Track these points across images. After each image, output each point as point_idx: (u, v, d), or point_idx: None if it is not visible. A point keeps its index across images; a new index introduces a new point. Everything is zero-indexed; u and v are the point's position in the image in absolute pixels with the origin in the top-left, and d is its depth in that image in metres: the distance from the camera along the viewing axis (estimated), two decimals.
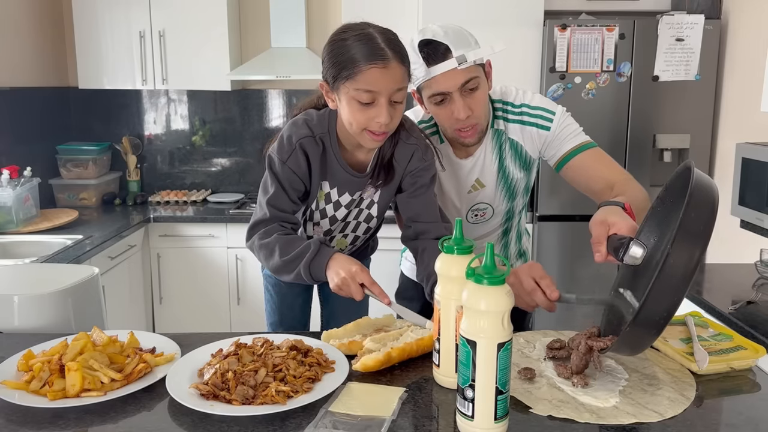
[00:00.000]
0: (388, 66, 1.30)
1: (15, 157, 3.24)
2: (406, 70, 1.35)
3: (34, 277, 1.68)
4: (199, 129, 3.92)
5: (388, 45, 1.31)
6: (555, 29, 3.10)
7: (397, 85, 1.32)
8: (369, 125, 1.35)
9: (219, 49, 3.52)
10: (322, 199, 1.54)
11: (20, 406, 1.01)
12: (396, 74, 1.32)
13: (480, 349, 0.90)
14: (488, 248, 0.92)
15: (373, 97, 1.32)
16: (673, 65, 3.14)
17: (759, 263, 2.27)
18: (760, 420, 0.99)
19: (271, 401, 1.00)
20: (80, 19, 3.50)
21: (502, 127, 1.60)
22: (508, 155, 1.62)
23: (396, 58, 1.31)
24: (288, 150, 1.45)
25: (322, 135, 1.46)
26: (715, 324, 1.31)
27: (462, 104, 1.45)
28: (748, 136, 2.83)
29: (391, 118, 1.34)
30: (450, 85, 1.43)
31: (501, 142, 1.61)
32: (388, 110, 1.33)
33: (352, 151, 1.50)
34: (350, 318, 1.36)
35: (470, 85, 1.44)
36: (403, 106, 1.38)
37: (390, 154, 1.49)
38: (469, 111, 1.46)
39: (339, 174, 1.50)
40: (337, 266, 1.36)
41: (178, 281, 3.48)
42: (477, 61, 1.43)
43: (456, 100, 1.45)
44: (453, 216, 1.67)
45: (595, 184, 1.55)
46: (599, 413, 0.99)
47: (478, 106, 1.48)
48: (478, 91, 1.47)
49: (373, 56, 1.29)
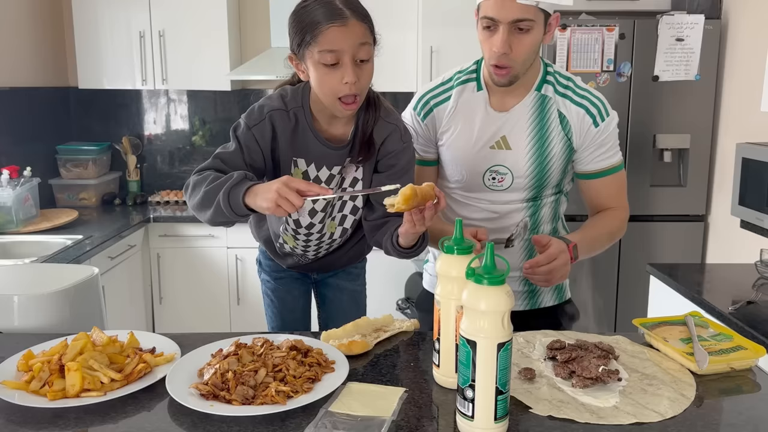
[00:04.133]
0: (347, 23, 1.33)
1: (15, 157, 3.24)
2: (368, 27, 1.37)
3: (34, 277, 1.68)
4: (199, 129, 3.92)
5: (345, 5, 1.34)
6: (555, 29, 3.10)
7: (358, 40, 1.34)
8: (338, 90, 1.36)
9: (219, 49, 3.52)
10: (300, 177, 1.51)
11: (20, 406, 1.01)
12: (356, 31, 1.34)
13: (480, 349, 0.90)
14: (488, 248, 0.92)
15: (337, 57, 1.33)
16: (673, 65, 3.14)
17: (759, 263, 2.27)
18: (760, 420, 0.99)
19: (271, 401, 1.00)
20: (80, 19, 3.50)
21: (551, 95, 1.52)
22: (554, 127, 1.52)
23: (355, 16, 1.34)
24: (257, 118, 1.46)
25: (296, 109, 1.47)
26: (715, 324, 1.31)
27: (504, 39, 1.38)
28: (748, 136, 2.83)
29: (357, 77, 1.35)
30: (500, 14, 1.36)
31: (547, 109, 1.52)
32: (354, 69, 1.34)
33: (329, 125, 1.49)
34: (348, 318, 1.36)
35: (522, 25, 1.37)
36: (370, 66, 1.39)
37: (370, 130, 1.48)
38: (508, 49, 1.39)
39: (315, 148, 1.49)
40: (263, 186, 1.29)
41: (178, 281, 3.48)
42: (540, 4, 1.36)
43: (501, 32, 1.38)
44: (468, 171, 1.57)
45: (593, 204, 1.62)
46: (599, 413, 0.99)
47: (521, 48, 1.40)
48: (528, 35, 1.39)
49: (331, 16, 1.32)
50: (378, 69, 1.43)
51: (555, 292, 1.67)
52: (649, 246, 3.29)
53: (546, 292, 1.65)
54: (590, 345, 1.19)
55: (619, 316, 3.37)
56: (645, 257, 3.24)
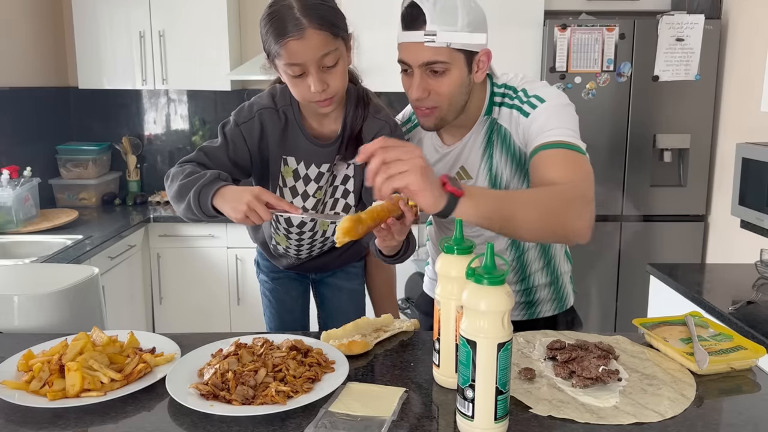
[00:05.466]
0: (303, 35, 1.28)
1: (15, 157, 3.24)
2: (329, 33, 1.31)
3: (34, 277, 1.68)
4: (199, 129, 3.92)
5: (303, 13, 1.29)
6: (555, 29, 3.10)
7: (319, 51, 1.30)
8: (310, 97, 1.35)
9: (219, 49, 3.52)
10: (290, 176, 1.52)
11: (20, 406, 1.01)
12: (315, 42, 1.29)
13: (480, 349, 0.90)
14: (488, 248, 0.92)
15: (302, 69, 1.32)
16: (673, 65, 3.14)
17: (759, 263, 2.27)
18: (760, 420, 0.99)
19: (271, 401, 1.00)
20: (80, 19, 3.50)
21: (497, 114, 1.43)
22: (497, 145, 1.42)
23: (312, 25, 1.28)
24: (246, 116, 1.47)
25: (285, 108, 1.47)
26: (715, 324, 1.31)
27: (417, 83, 1.31)
28: (748, 136, 2.83)
29: (327, 84, 1.33)
30: (410, 58, 1.31)
31: (492, 130, 1.43)
32: (320, 78, 1.32)
33: (318, 123, 1.49)
34: (347, 318, 1.36)
35: (436, 68, 1.30)
36: (339, 67, 1.35)
37: (359, 127, 1.47)
38: (423, 93, 1.32)
39: (303, 145, 1.49)
40: (234, 192, 1.28)
41: (178, 281, 3.48)
42: (453, 45, 1.28)
43: (415, 76, 1.32)
44: None
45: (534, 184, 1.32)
46: (599, 413, 0.99)
47: (442, 90, 1.33)
48: (446, 77, 1.31)
49: (287, 30, 1.28)
50: (377, 69, 1.43)
51: (555, 301, 1.59)
52: (649, 246, 3.29)
53: (545, 302, 1.58)
54: (590, 345, 1.18)
55: (619, 316, 3.37)
56: (645, 257, 3.24)
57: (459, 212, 1.10)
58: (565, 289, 1.61)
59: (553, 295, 1.58)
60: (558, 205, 1.20)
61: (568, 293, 1.62)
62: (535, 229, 1.20)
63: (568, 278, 1.62)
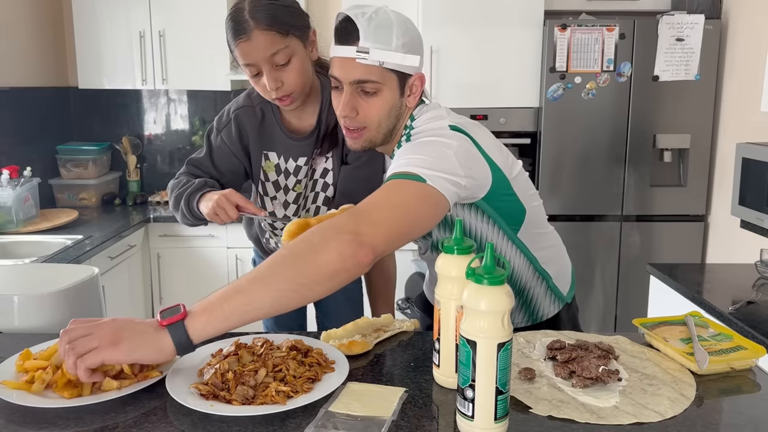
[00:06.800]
0: (250, 37, 1.34)
1: (15, 157, 3.24)
2: (276, 32, 1.35)
3: (34, 277, 1.68)
4: (199, 129, 3.92)
5: (251, 14, 1.34)
6: (555, 29, 3.10)
7: (267, 51, 1.35)
8: (268, 94, 1.41)
9: (219, 49, 3.50)
10: (272, 170, 1.56)
11: (20, 406, 1.01)
12: (261, 42, 1.34)
13: (480, 349, 0.90)
14: (488, 248, 0.92)
15: (256, 68, 1.37)
16: (673, 65, 3.14)
17: (759, 263, 2.27)
18: (760, 420, 0.99)
19: (271, 401, 1.00)
20: (80, 19, 3.50)
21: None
22: None
23: (259, 26, 1.33)
24: (225, 121, 1.55)
25: (262, 104, 1.52)
26: (715, 324, 1.31)
27: (346, 100, 1.24)
28: (748, 136, 2.83)
29: (281, 82, 1.38)
30: (341, 74, 1.24)
31: None
32: (273, 76, 1.37)
33: (296, 117, 1.53)
34: (344, 318, 1.36)
35: (367, 87, 1.24)
36: (293, 65, 1.38)
37: (334, 121, 1.49)
38: (351, 111, 1.25)
39: (281, 140, 1.53)
40: (210, 194, 1.44)
41: (178, 281, 3.48)
42: (385, 64, 1.22)
43: (345, 93, 1.25)
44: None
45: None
46: (599, 413, 0.99)
47: (370, 111, 1.26)
48: (377, 98, 1.25)
49: (236, 33, 1.36)
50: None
51: (553, 298, 1.48)
52: (649, 246, 3.29)
53: (542, 300, 1.46)
54: (590, 345, 1.19)
55: (619, 316, 3.37)
56: (645, 257, 3.25)
57: (196, 334, 1.03)
58: (540, 301, 1.47)
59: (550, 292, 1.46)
60: (291, 259, 1.05)
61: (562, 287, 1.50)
62: (284, 293, 1.04)
63: (544, 291, 1.46)
